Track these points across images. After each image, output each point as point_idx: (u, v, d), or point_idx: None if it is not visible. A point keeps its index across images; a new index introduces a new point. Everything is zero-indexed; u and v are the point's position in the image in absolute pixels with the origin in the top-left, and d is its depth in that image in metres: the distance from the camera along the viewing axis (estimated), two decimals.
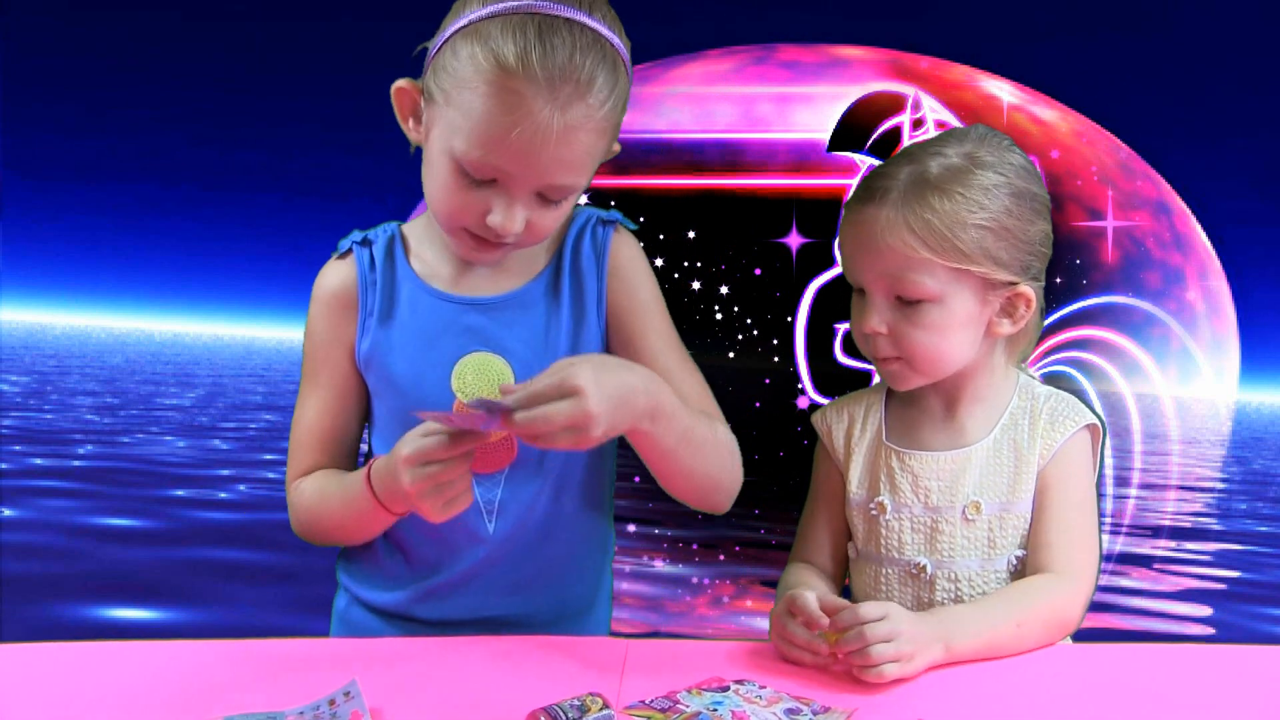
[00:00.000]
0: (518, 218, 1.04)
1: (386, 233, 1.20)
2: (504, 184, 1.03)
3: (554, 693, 0.92)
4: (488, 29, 1.00)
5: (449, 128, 1.03)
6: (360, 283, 1.17)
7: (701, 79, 3.50)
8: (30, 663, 1.05)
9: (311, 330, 1.19)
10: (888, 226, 1.09)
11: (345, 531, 1.18)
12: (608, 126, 1.03)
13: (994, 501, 1.16)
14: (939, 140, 1.16)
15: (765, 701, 0.93)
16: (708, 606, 3.37)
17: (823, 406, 1.28)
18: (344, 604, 1.25)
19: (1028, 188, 1.14)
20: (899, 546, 1.18)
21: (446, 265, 1.18)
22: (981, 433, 1.18)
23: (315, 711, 0.88)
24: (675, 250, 3.18)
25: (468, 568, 1.16)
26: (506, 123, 0.98)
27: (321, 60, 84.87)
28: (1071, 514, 1.14)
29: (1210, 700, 0.99)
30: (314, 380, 1.19)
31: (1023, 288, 1.14)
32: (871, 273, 1.12)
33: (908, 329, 1.12)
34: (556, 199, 1.05)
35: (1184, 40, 22.22)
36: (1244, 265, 3.58)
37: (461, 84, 1.01)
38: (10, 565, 3.56)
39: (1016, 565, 1.16)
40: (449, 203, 1.06)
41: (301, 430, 1.19)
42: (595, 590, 1.25)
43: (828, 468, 1.26)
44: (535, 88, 0.97)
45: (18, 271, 74.37)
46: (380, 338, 1.15)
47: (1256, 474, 5.72)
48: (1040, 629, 1.08)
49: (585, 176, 1.06)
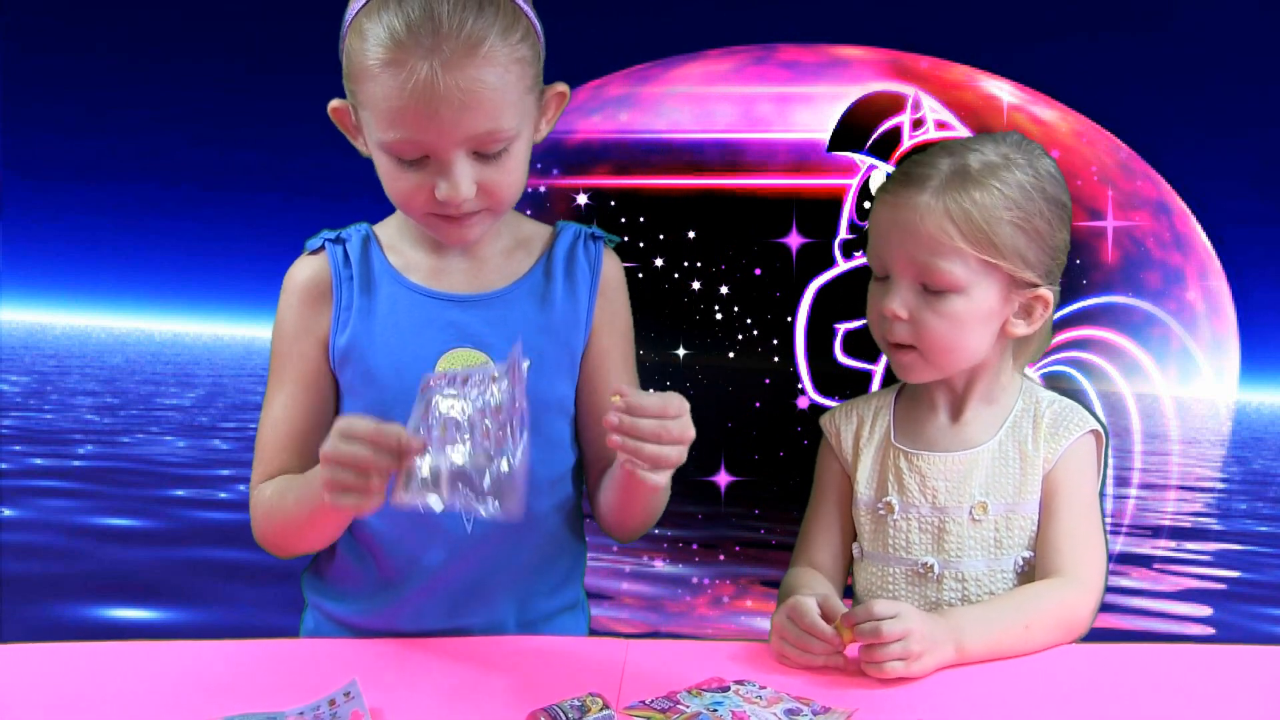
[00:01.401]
0: (461, 183, 1.04)
1: (360, 231, 1.19)
2: (434, 155, 1.04)
3: (554, 693, 0.92)
4: (361, 21, 1.04)
5: (369, 124, 1.06)
6: (334, 277, 1.16)
7: (701, 79, 3.50)
8: (31, 663, 1.06)
9: (281, 324, 1.17)
10: (927, 212, 1.11)
11: (301, 533, 1.13)
12: (508, 60, 1.03)
13: (1000, 502, 1.17)
14: (975, 140, 1.18)
15: (765, 702, 0.93)
16: (708, 606, 3.37)
17: (830, 409, 1.29)
18: (313, 623, 1.22)
19: (1059, 195, 1.16)
20: (906, 546, 1.18)
21: (424, 260, 1.17)
22: (988, 434, 1.19)
23: (315, 711, 0.88)
24: (675, 250, 3.18)
25: (443, 570, 1.14)
26: (398, 92, 1.00)
27: (322, 60, 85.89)
28: (1079, 519, 1.16)
29: (1211, 700, 0.99)
30: (282, 376, 1.16)
31: (1043, 290, 1.16)
32: (903, 257, 1.13)
33: (929, 316, 1.13)
34: (492, 150, 1.05)
35: (1184, 40, 22.35)
36: (1244, 265, 3.57)
37: (360, 79, 1.04)
38: (10, 565, 3.56)
39: (1023, 566, 1.17)
40: (400, 191, 1.08)
41: (267, 430, 1.16)
42: (570, 594, 1.24)
43: (832, 469, 1.26)
44: (407, 50, 1.00)
45: (18, 271, 74.69)
46: (360, 330, 1.14)
47: (1256, 474, 5.72)
48: (1049, 631, 1.09)
49: (508, 120, 1.04)
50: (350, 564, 1.18)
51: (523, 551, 1.17)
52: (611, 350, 1.20)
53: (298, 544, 1.16)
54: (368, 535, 1.16)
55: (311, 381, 1.16)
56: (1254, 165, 4.09)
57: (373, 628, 1.16)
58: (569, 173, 3.27)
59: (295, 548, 1.17)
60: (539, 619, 1.19)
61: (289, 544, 1.16)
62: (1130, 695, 1.00)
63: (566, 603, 1.23)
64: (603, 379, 1.18)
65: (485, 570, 1.15)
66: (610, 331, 1.20)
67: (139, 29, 6.62)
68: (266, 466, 1.16)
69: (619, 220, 3.28)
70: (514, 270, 1.18)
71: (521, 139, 1.08)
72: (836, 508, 1.25)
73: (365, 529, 1.16)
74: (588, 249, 1.19)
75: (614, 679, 1.00)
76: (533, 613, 1.19)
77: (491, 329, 1.15)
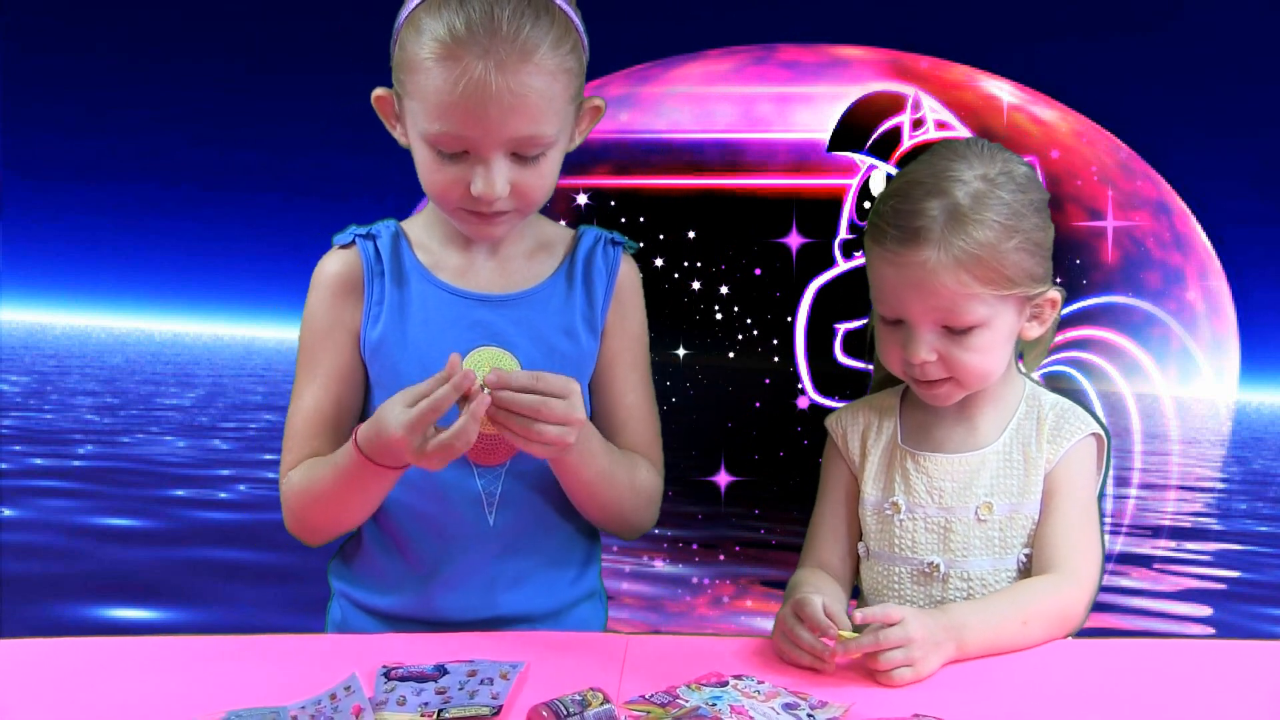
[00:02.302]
0: (497, 181, 1.07)
1: (389, 228, 1.21)
2: (474, 151, 1.07)
3: (556, 688, 0.93)
4: (420, 16, 1.07)
5: (415, 115, 1.09)
6: (366, 271, 1.18)
7: (701, 79, 3.50)
8: (37, 658, 1.06)
9: (311, 317, 1.19)
10: (938, 268, 1.09)
11: (337, 508, 1.15)
12: (557, 69, 1.07)
13: (1005, 502, 1.18)
14: (947, 166, 1.13)
15: (763, 696, 0.94)
16: (708, 606, 3.37)
17: (836, 410, 1.30)
18: (340, 613, 1.24)
19: (1041, 196, 1.16)
20: (912, 546, 1.19)
21: (452, 259, 1.20)
22: (993, 435, 1.20)
23: (317, 705, 0.89)
24: (675, 250, 3.19)
25: (469, 562, 1.17)
26: (451, 88, 1.04)
27: (322, 60, 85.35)
28: (1075, 518, 1.16)
29: (1210, 694, 1.00)
30: (313, 368, 1.18)
31: (1052, 292, 1.17)
32: (921, 310, 1.12)
33: (958, 353, 1.13)
34: (530, 153, 1.09)
35: (1184, 40, 22.29)
36: (1244, 265, 3.57)
37: (412, 71, 1.07)
38: (10, 565, 3.56)
39: (1025, 564, 1.18)
40: (436, 183, 1.11)
41: (299, 419, 1.18)
42: (589, 583, 1.26)
43: (839, 470, 1.27)
44: (466, 48, 1.03)
45: (18, 271, 74.56)
46: (393, 325, 1.17)
47: (1256, 474, 5.72)
48: (1044, 626, 1.10)
49: (550, 125, 1.08)
50: (376, 555, 1.21)
51: (546, 543, 1.20)
52: (622, 353, 1.22)
53: (337, 519, 1.17)
54: (393, 528, 1.18)
55: (343, 373, 1.18)
56: (1254, 165, 4.09)
57: (402, 616, 1.19)
58: (569, 173, 3.27)
59: (332, 526, 1.18)
60: (562, 608, 1.22)
61: (325, 522, 1.17)
62: (1125, 689, 1.01)
63: (587, 591, 1.25)
64: (611, 382, 1.21)
65: (509, 562, 1.18)
66: (621, 334, 1.22)
67: (139, 29, 6.62)
68: (297, 455, 1.17)
69: (619, 220, 3.28)
70: (538, 272, 1.21)
71: (558, 146, 1.12)
72: (844, 508, 1.25)
73: (390, 523, 1.18)
74: (607, 254, 1.22)
75: (614, 674, 1.01)
76: (557, 601, 1.21)
77: (517, 329, 1.17)
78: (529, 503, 1.18)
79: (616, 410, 1.22)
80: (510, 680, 0.94)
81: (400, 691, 0.93)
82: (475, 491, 1.15)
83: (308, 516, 1.17)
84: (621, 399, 1.22)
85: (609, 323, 1.22)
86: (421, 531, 1.18)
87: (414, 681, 0.95)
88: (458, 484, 1.15)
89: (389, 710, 0.91)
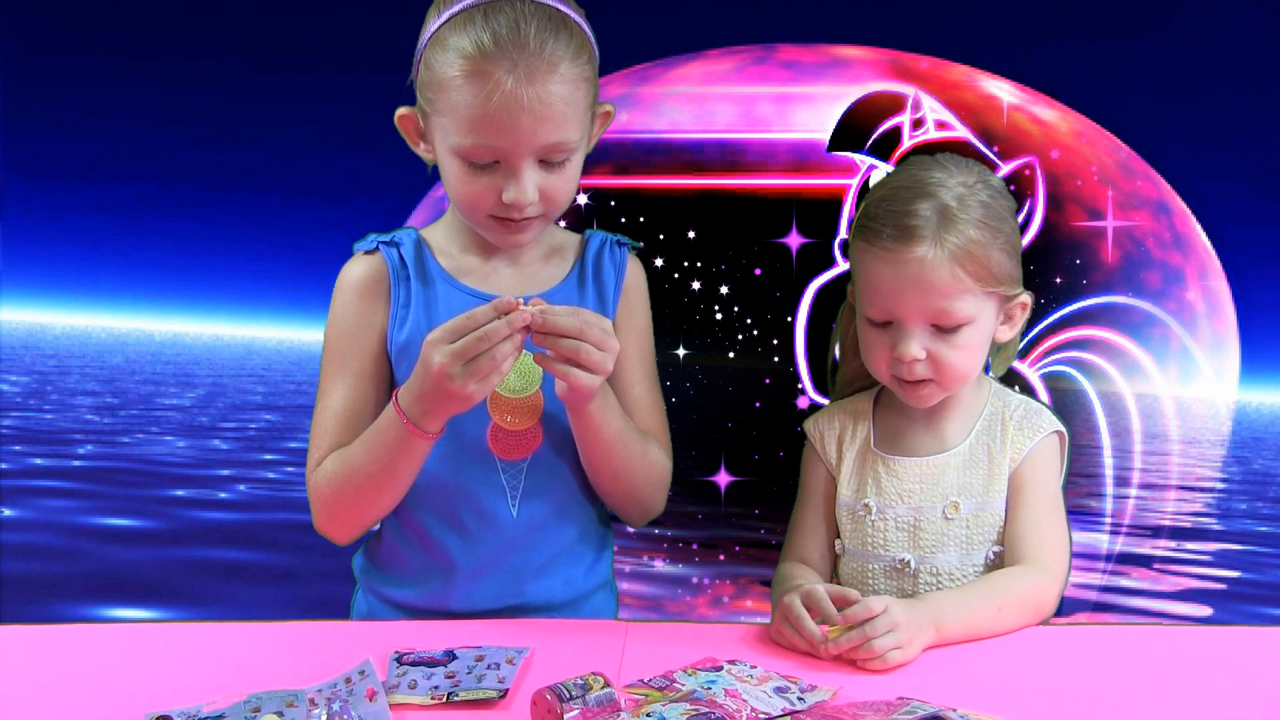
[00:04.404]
0: (528, 187, 1.12)
1: (410, 235, 1.26)
2: (505, 161, 1.12)
3: (558, 672, 0.96)
4: (445, 35, 1.11)
5: (444, 130, 1.13)
6: (391, 275, 1.22)
7: (701, 79, 3.51)
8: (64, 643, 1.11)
9: (338, 320, 1.22)
10: (935, 263, 1.15)
11: (370, 488, 1.17)
12: (578, 78, 1.12)
13: (971, 501, 1.23)
14: (922, 171, 1.20)
15: (756, 680, 0.98)
16: (708, 606, 3.37)
17: (813, 414, 1.36)
18: (366, 606, 1.27)
19: (1011, 205, 1.23)
20: (884, 544, 1.25)
21: (474, 264, 1.24)
22: (960, 437, 1.26)
23: (333, 688, 0.92)
24: (675, 250, 3.19)
25: (492, 553, 1.21)
26: (484, 102, 1.08)
27: (322, 60, 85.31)
28: (1043, 512, 1.22)
29: (1207, 680, 1.02)
30: (340, 369, 1.21)
31: (1024, 296, 1.23)
32: (916, 307, 1.18)
33: (946, 351, 1.18)
34: (557, 159, 1.13)
35: (1184, 41, 22.27)
36: (1244, 265, 3.57)
37: (441, 88, 1.11)
38: (10, 565, 3.56)
39: (993, 560, 1.24)
40: (467, 195, 1.15)
41: (328, 415, 1.21)
42: (603, 573, 1.31)
43: (817, 471, 1.33)
44: (494, 63, 1.08)
45: (18, 271, 74.57)
46: (419, 327, 1.19)
47: (1256, 474, 5.72)
48: (1018, 613, 1.16)
49: (574, 132, 1.13)
50: (399, 549, 1.24)
51: (565, 533, 1.24)
52: (629, 348, 1.25)
53: (368, 501, 1.19)
54: (417, 523, 1.21)
55: (371, 372, 1.22)
56: (1254, 165, 4.09)
57: (427, 608, 1.22)
58: None
59: (361, 511, 1.20)
60: (579, 597, 1.26)
61: (356, 506, 1.19)
62: (1101, 673, 1.05)
63: (601, 581, 1.30)
64: (619, 376, 1.23)
65: (530, 552, 1.22)
66: (628, 330, 1.27)
67: (139, 29, 6.63)
68: (326, 449, 1.20)
69: (619, 220, 3.28)
70: (553, 275, 1.26)
71: (580, 150, 1.17)
72: (822, 507, 1.31)
73: (414, 518, 1.20)
74: (614, 255, 1.28)
75: (615, 659, 1.05)
76: (574, 591, 1.25)
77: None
78: (550, 494, 1.22)
79: (623, 400, 1.25)
80: (516, 665, 0.99)
81: (411, 676, 0.97)
82: (500, 485, 1.18)
83: (339, 502, 1.19)
84: (629, 390, 1.26)
85: (617, 320, 1.26)
86: (446, 525, 1.21)
87: (425, 666, 0.99)
88: (484, 479, 1.19)
89: (401, 693, 0.95)
